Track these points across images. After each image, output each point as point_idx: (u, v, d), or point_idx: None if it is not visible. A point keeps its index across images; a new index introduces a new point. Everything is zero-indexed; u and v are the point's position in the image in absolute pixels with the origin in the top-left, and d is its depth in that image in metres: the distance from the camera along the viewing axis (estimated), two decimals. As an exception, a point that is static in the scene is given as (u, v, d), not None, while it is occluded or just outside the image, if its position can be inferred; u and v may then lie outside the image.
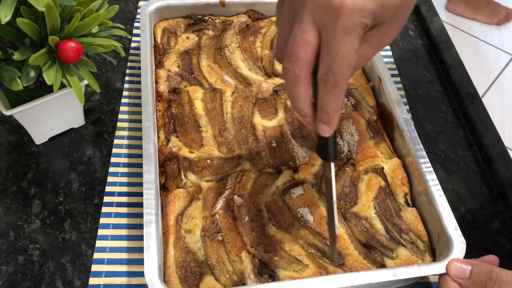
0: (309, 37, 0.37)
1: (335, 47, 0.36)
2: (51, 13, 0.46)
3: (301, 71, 0.38)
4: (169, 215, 0.54)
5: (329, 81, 0.37)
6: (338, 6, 0.35)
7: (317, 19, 0.36)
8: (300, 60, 0.38)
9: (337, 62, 0.36)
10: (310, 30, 0.37)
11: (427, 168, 0.58)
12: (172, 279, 0.50)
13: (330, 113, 0.40)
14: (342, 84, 0.38)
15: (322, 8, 0.35)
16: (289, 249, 0.53)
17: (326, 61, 0.37)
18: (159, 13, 0.73)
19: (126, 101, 0.69)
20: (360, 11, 0.35)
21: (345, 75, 0.37)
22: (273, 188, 0.58)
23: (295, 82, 0.39)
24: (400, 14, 0.39)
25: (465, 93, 0.75)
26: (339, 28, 0.35)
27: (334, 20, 0.35)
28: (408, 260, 0.53)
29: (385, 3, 0.36)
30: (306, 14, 0.36)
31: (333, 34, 0.36)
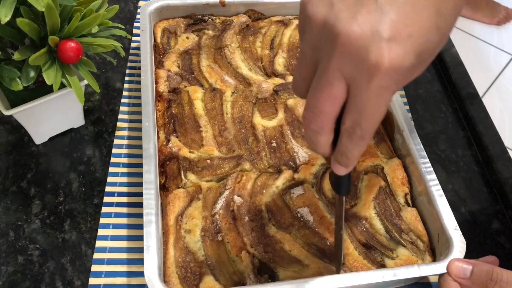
0: (336, 92, 0.33)
1: (366, 105, 0.32)
2: (51, 13, 0.46)
3: (324, 124, 0.35)
4: (169, 215, 0.54)
5: (356, 134, 0.34)
6: (373, 65, 0.30)
7: (346, 72, 0.32)
8: (324, 114, 0.34)
9: (367, 117, 0.33)
10: (338, 83, 0.32)
11: (427, 168, 0.58)
12: (172, 279, 0.50)
13: (350, 159, 0.37)
14: (368, 137, 0.35)
15: (354, 61, 0.31)
16: (289, 249, 0.53)
17: (354, 116, 0.33)
18: (159, 13, 0.73)
19: (126, 101, 0.69)
20: (398, 70, 0.31)
21: (373, 129, 0.34)
22: (273, 188, 0.58)
23: (317, 134, 0.36)
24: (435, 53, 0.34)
25: (465, 93, 0.75)
26: (373, 87, 0.31)
27: (368, 78, 0.31)
28: (408, 260, 0.53)
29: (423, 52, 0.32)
30: (334, 64, 0.32)
31: (364, 93, 0.32)
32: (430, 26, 0.31)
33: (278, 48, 0.73)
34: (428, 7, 0.31)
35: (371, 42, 0.30)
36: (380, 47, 0.30)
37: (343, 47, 0.31)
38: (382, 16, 0.30)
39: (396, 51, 0.30)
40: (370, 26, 0.30)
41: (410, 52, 0.31)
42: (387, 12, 0.30)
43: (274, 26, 0.76)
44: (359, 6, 0.30)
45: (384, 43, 0.30)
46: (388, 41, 0.30)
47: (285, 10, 0.77)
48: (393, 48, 0.30)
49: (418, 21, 0.31)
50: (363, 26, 0.30)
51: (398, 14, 0.30)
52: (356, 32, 0.30)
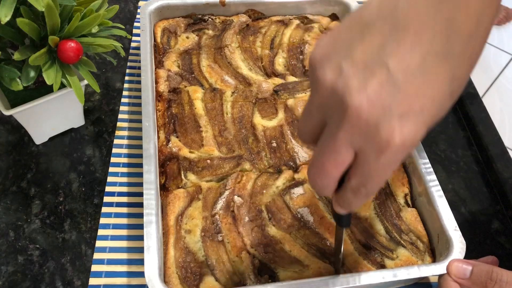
0: (343, 159, 0.31)
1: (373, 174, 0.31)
2: (51, 13, 0.46)
3: (329, 183, 0.34)
4: (169, 215, 0.54)
5: (361, 193, 0.33)
6: (384, 142, 0.29)
7: (355, 143, 0.30)
8: (330, 177, 0.33)
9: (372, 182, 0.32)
10: (345, 152, 0.31)
11: (427, 169, 0.58)
12: (172, 279, 0.50)
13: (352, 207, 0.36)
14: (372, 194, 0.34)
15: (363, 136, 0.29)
16: (289, 249, 0.53)
17: (360, 179, 0.32)
18: (159, 13, 0.73)
19: (126, 101, 0.69)
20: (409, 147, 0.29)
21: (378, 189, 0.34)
22: (273, 188, 0.58)
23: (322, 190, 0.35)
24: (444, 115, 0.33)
25: (465, 93, 0.75)
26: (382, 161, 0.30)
27: (378, 153, 0.29)
28: (408, 260, 0.53)
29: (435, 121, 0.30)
30: (342, 135, 0.30)
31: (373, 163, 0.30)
32: (443, 95, 0.30)
33: (278, 48, 0.73)
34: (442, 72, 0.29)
35: (382, 119, 0.28)
36: (391, 125, 0.28)
37: (352, 121, 0.29)
38: (394, 89, 0.28)
39: (409, 128, 0.28)
40: (381, 101, 0.28)
41: (423, 128, 0.29)
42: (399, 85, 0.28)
43: (274, 26, 0.76)
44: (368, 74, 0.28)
45: (396, 120, 0.28)
46: (400, 118, 0.28)
47: (285, 10, 0.77)
48: (405, 126, 0.28)
49: (432, 90, 0.29)
50: (374, 101, 0.28)
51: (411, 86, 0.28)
52: (366, 108, 0.28)
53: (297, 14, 0.78)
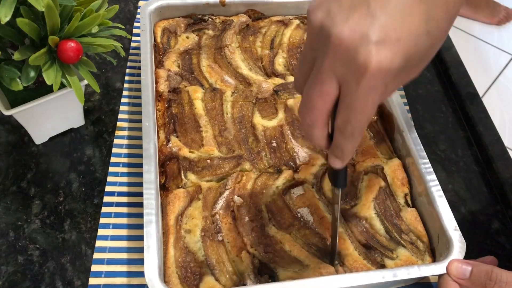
0: (327, 89, 0.35)
1: (355, 104, 0.34)
2: (51, 13, 0.46)
3: (317, 118, 0.37)
4: (169, 215, 0.54)
5: (347, 131, 0.36)
6: (362, 66, 0.32)
7: (338, 72, 0.34)
8: (317, 109, 0.36)
9: (356, 116, 0.35)
10: (330, 81, 0.34)
11: (427, 169, 0.58)
12: (172, 279, 0.50)
13: (345, 152, 0.39)
14: (359, 134, 0.37)
15: (345, 62, 0.33)
16: (289, 249, 0.53)
17: (344, 113, 0.35)
18: (159, 13, 0.73)
19: (126, 101, 0.69)
20: (386, 71, 0.32)
21: (363, 126, 0.36)
22: (273, 188, 0.58)
23: (311, 127, 0.38)
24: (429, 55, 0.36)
25: (465, 93, 0.75)
26: (362, 87, 0.33)
27: (357, 79, 0.32)
28: (408, 260, 0.53)
29: (413, 55, 0.33)
30: (327, 64, 0.34)
31: (354, 92, 0.33)
32: (420, 31, 0.33)
33: (278, 48, 0.73)
34: (418, 12, 0.32)
35: (360, 44, 0.31)
36: (368, 49, 0.31)
37: (335, 48, 0.33)
38: (372, 20, 0.31)
39: (384, 53, 0.31)
40: (360, 29, 0.31)
41: (399, 55, 0.32)
42: (377, 17, 0.31)
43: (274, 26, 0.76)
44: (352, 11, 0.32)
45: (373, 45, 0.31)
46: (377, 44, 0.31)
47: (285, 10, 0.77)
48: (381, 51, 0.31)
49: (408, 25, 0.32)
50: (353, 29, 0.32)
51: (388, 18, 0.31)
52: (346, 35, 0.32)
53: (297, 14, 0.78)
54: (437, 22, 0.34)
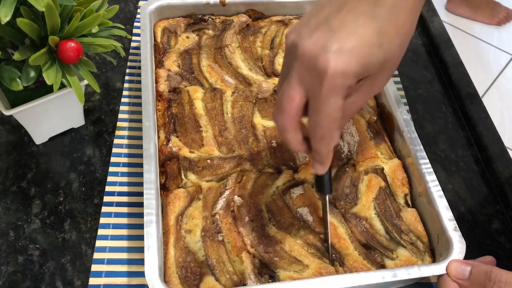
0: (295, 94, 0.40)
1: (320, 106, 0.39)
2: (51, 13, 0.46)
3: (287, 122, 0.42)
4: (169, 215, 0.54)
5: (317, 134, 0.41)
6: (322, 70, 0.37)
7: (303, 79, 0.39)
8: (286, 113, 0.41)
9: (322, 118, 0.40)
10: (297, 87, 0.40)
11: (427, 169, 0.58)
12: (172, 279, 0.50)
13: (322, 155, 0.44)
14: (329, 136, 0.41)
15: (308, 70, 0.39)
16: (289, 249, 0.53)
17: (313, 117, 0.41)
18: (159, 13, 0.73)
19: (126, 100, 0.69)
20: (342, 75, 0.37)
21: (331, 129, 0.41)
22: (273, 188, 0.58)
23: (283, 131, 0.43)
24: (387, 67, 0.41)
25: (465, 93, 0.75)
26: (323, 90, 0.38)
27: (318, 82, 0.38)
28: (408, 260, 0.53)
29: (367, 63, 0.38)
30: (295, 73, 0.40)
31: (318, 95, 0.39)
32: (372, 42, 0.38)
33: (278, 48, 0.73)
34: (371, 27, 0.38)
35: (320, 53, 0.37)
36: (327, 56, 0.37)
37: (300, 59, 0.39)
38: (331, 34, 0.38)
39: (341, 59, 0.37)
40: (321, 42, 0.38)
41: (353, 61, 0.37)
42: (335, 32, 0.38)
43: (275, 26, 0.76)
44: (316, 29, 0.39)
45: (330, 53, 0.37)
46: (334, 52, 0.37)
47: (285, 10, 0.77)
48: (337, 57, 0.37)
49: (362, 37, 0.38)
50: (315, 42, 0.38)
51: (344, 33, 0.38)
52: (309, 47, 0.38)
53: (297, 14, 0.78)
54: (388, 37, 0.39)
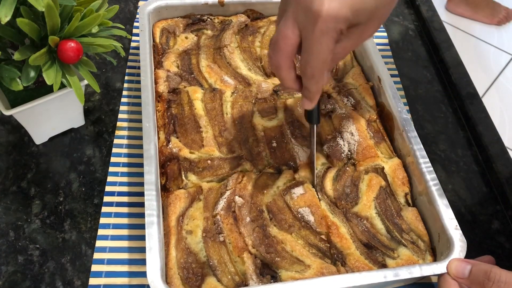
0: (290, 33, 0.43)
1: (312, 46, 0.42)
2: (51, 13, 0.46)
3: (281, 60, 0.45)
4: (170, 216, 0.54)
5: (307, 72, 0.45)
6: (315, 12, 0.40)
7: (298, 19, 0.42)
8: (281, 51, 0.44)
9: (313, 58, 0.43)
10: (292, 27, 0.43)
11: (427, 168, 0.58)
12: (174, 280, 0.50)
13: (312, 92, 0.47)
14: (318, 75, 0.44)
15: (303, 11, 0.41)
16: (290, 249, 0.53)
17: (304, 56, 0.43)
18: (157, 13, 0.73)
19: (126, 100, 0.69)
20: (334, 18, 0.40)
21: (321, 69, 0.44)
22: (274, 188, 0.58)
23: (277, 68, 0.46)
24: (377, 15, 0.43)
25: (465, 93, 0.75)
26: (316, 31, 0.41)
27: (312, 23, 0.40)
28: (409, 260, 0.53)
29: (359, 10, 0.41)
30: (291, 14, 0.43)
31: (310, 35, 0.41)
32: None
33: (278, 48, 0.73)
34: None
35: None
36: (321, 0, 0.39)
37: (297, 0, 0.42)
38: None
39: (334, 4, 0.40)
40: None
41: (345, 6, 0.40)
42: None
43: (273, 25, 0.76)
44: None
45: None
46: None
47: (285, 10, 0.77)
48: (331, 2, 0.39)
49: None
50: None
51: None
52: None
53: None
54: None
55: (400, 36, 0.85)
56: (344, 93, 0.67)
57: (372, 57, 0.69)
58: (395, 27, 0.87)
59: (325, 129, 0.64)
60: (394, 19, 0.88)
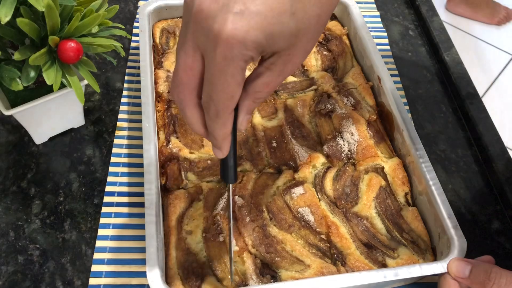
0: (191, 62, 0.34)
1: (214, 77, 0.33)
2: (51, 13, 0.46)
3: (184, 95, 0.36)
4: (170, 216, 0.54)
5: (211, 110, 0.35)
6: (216, 34, 0.31)
7: (199, 42, 0.33)
8: (182, 84, 0.35)
9: (217, 92, 0.34)
10: (193, 54, 0.34)
11: (427, 168, 0.58)
12: (174, 280, 0.50)
13: (218, 139, 0.37)
14: (224, 114, 0.35)
15: (204, 31, 0.32)
16: (290, 249, 0.53)
17: (207, 89, 0.34)
18: (157, 13, 0.73)
19: (126, 100, 0.69)
20: (240, 43, 0.31)
21: (227, 106, 0.35)
22: (274, 188, 0.58)
23: (180, 105, 0.37)
24: (300, 42, 0.35)
25: (465, 93, 0.75)
26: (218, 57, 0.32)
27: (213, 47, 0.32)
28: (410, 259, 0.53)
29: (274, 33, 0.32)
30: (190, 36, 0.34)
31: (212, 63, 0.33)
32: (283, 9, 0.32)
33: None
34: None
35: (219, 13, 0.31)
36: (225, 18, 0.31)
37: (196, 18, 0.32)
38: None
39: (240, 23, 0.31)
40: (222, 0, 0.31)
41: (256, 28, 0.31)
42: None
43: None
44: None
45: (230, 15, 0.31)
46: (235, 14, 0.31)
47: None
48: (237, 21, 0.31)
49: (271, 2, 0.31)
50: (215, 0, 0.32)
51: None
52: (207, 4, 0.32)
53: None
54: (304, 4, 0.33)
55: (400, 36, 0.85)
56: (344, 93, 0.67)
57: (372, 57, 0.69)
58: (395, 27, 0.87)
59: (325, 129, 0.64)
60: (394, 19, 0.88)
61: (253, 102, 0.37)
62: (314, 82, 0.69)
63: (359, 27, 0.72)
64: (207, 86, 0.34)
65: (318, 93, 0.68)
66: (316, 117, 0.65)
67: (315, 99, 0.67)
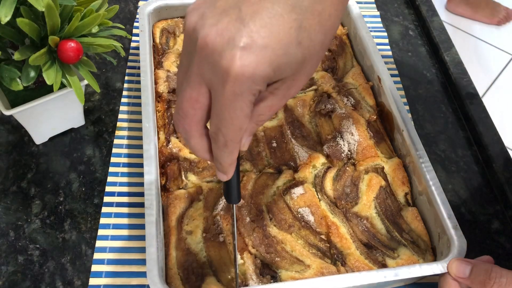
0: (197, 95, 0.34)
1: (223, 111, 0.33)
2: (51, 13, 0.46)
3: (190, 127, 0.36)
4: (170, 216, 0.54)
5: (219, 140, 0.35)
6: (225, 70, 0.31)
7: (205, 76, 0.33)
8: (188, 117, 0.35)
9: (225, 125, 0.34)
10: (199, 87, 0.34)
11: (427, 168, 0.58)
12: (174, 280, 0.50)
13: (224, 166, 0.38)
14: (232, 144, 0.35)
15: (211, 66, 0.32)
16: (290, 249, 0.53)
17: (215, 121, 0.34)
18: (157, 13, 0.73)
19: (126, 100, 0.69)
20: (250, 78, 0.31)
21: (235, 137, 0.35)
22: (274, 188, 0.58)
23: (186, 136, 0.37)
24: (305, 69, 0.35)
25: (465, 93, 0.75)
26: (227, 93, 0.32)
27: (222, 84, 0.32)
28: (410, 259, 0.53)
29: (282, 65, 0.32)
30: (195, 69, 0.33)
31: (221, 97, 0.32)
32: (289, 40, 0.32)
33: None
34: (289, 21, 0.32)
35: (226, 48, 0.31)
36: (233, 53, 0.30)
37: (201, 51, 0.32)
38: (241, 25, 0.31)
39: (249, 59, 0.31)
40: (227, 33, 0.31)
41: (264, 62, 0.31)
42: (246, 23, 0.31)
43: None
44: (223, 15, 0.32)
45: (238, 50, 0.30)
46: (242, 49, 0.30)
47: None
48: (245, 56, 0.30)
49: (277, 33, 0.31)
50: (221, 33, 0.31)
51: (257, 25, 0.31)
52: (213, 38, 0.31)
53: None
54: (309, 33, 0.33)
55: (400, 36, 0.85)
56: (344, 93, 0.67)
57: (372, 57, 0.69)
58: (395, 27, 0.87)
59: (325, 129, 0.64)
60: (394, 19, 0.88)
61: (256, 125, 0.37)
62: (314, 82, 0.69)
63: (359, 27, 0.72)
64: (215, 119, 0.34)
65: (318, 93, 0.68)
66: (316, 117, 0.65)
67: (315, 99, 0.67)
